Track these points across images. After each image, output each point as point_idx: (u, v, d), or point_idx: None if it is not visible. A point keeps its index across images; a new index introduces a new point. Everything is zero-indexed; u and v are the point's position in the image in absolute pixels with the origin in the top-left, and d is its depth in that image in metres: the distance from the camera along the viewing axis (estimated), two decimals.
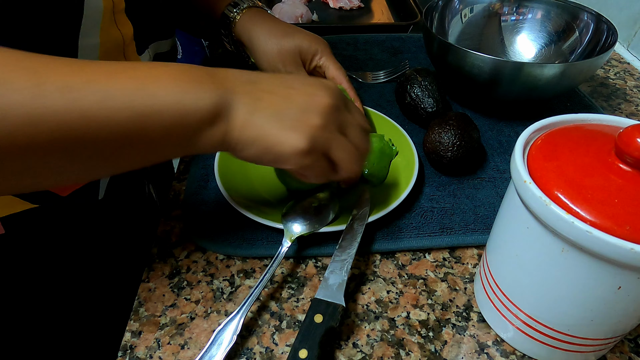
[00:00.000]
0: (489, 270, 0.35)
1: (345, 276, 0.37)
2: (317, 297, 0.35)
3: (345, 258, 0.38)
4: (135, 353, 0.35)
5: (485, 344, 0.36)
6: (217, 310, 0.38)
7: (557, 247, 0.27)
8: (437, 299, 0.39)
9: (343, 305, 0.35)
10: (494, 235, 0.35)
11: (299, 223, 0.41)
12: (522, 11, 0.67)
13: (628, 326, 0.31)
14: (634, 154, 0.25)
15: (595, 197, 0.25)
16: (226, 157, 0.48)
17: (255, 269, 0.41)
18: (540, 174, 0.28)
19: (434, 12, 0.64)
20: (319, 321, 0.33)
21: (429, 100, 0.54)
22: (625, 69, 0.75)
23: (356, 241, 0.39)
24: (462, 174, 0.51)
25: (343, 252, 0.39)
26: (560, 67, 0.50)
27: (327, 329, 0.33)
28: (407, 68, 0.67)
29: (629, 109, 0.65)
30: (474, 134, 0.49)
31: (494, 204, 0.47)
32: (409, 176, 0.46)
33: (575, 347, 0.32)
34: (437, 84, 0.55)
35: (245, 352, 0.35)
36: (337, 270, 0.37)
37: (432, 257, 0.43)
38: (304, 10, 0.86)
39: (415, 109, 0.55)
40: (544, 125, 0.32)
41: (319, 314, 0.34)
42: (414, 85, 0.55)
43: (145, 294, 0.39)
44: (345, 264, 0.38)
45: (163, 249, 0.43)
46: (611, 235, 0.24)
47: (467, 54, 0.52)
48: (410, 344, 0.36)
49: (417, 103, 0.55)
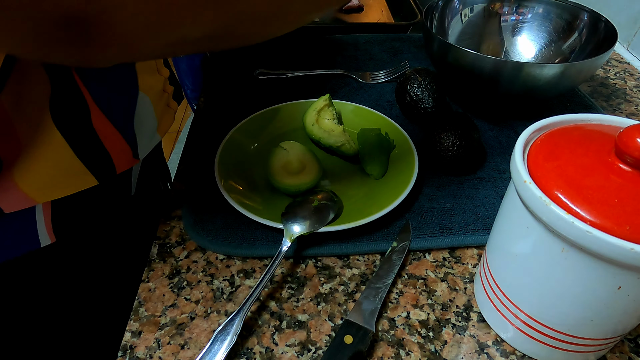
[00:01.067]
0: (489, 270, 0.35)
1: (379, 304, 0.38)
2: (349, 318, 0.36)
3: (381, 287, 0.39)
4: (135, 353, 0.35)
5: (485, 344, 0.36)
6: (217, 310, 0.38)
7: (557, 247, 0.27)
8: (437, 299, 0.39)
9: (373, 331, 0.35)
10: (494, 235, 0.35)
11: (299, 223, 0.41)
12: (522, 11, 0.67)
13: (628, 326, 0.31)
14: (634, 154, 0.25)
15: (595, 197, 0.25)
16: (226, 157, 0.48)
17: (255, 269, 0.41)
18: (540, 174, 0.28)
19: (434, 12, 0.64)
20: (349, 342, 0.34)
21: (429, 100, 0.54)
22: (625, 69, 0.75)
23: (393, 272, 0.40)
24: (462, 174, 0.51)
25: (379, 281, 0.40)
26: (560, 67, 0.50)
27: (356, 352, 0.34)
28: (407, 68, 0.67)
29: (629, 109, 0.65)
30: (474, 134, 0.49)
31: (494, 204, 0.47)
32: (409, 176, 0.46)
33: (575, 347, 0.32)
34: (437, 84, 0.55)
35: (245, 352, 0.35)
36: (372, 297, 0.38)
37: (432, 257, 0.43)
38: None
39: (415, 109, 0.55)
40: (544, 125, 0.32)
41: (350, 335, 0.34)
42: (414, 85, 0.55)
43: (145, 294, 0.39)
44: (380, 292, 0.39)
45: (163, 249, 0.43)
46: (611, 235, 0.24)
47: (467, 54, 0.52)
48: (410, 344, 0.36)
49: (417, 103, 0.55)
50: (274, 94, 0.63)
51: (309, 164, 0.47)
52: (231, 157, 0.49)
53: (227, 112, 0.60)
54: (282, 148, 0.49)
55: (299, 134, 0.55)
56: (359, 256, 0.43)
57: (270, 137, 0.54)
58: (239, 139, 0.52)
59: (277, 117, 0.56)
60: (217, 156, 0.48)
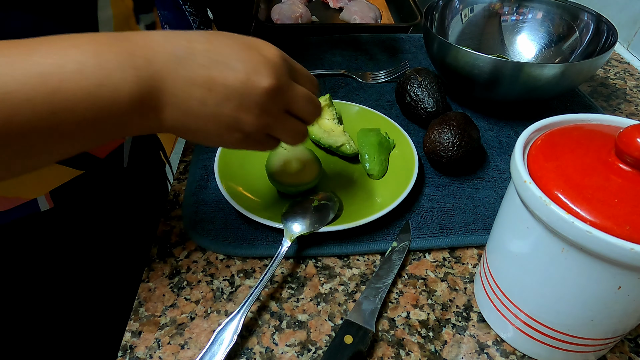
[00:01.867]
0: (489, 270, 0.35)
1: (379, 304, 0.38)
2: (349, 318, 0.36)
3: (381, 287, 0.39)
4: (135, 353, 0.35)
5: (485, 344, 0.36)
6: (217, 310, 0.38)
7: (557, 247, 0.27)
8: (437, 299, 0.39)
9: (373, 331, 0.35)
10: (494, 235, 0.35)
11: (299, 223, 0.41)
12: (523, 11, 0.67)
13: (628, 326, 0.31)
14: (634, 154, 0.25)
15: (595, 197, 0.25)
16: (226, 157, 0.48)
17: (255, 269, 0.41)
18: (540, 174, 0.28)
19: (434, 12, 0.64)
20: (349, 342, 0.34)
21: (429, 100, 0.54)
22: (625, 69, 0.75)
23: (393, 272, 0.40)
24: (462, 174, 0.51)
25: (379, 281, 0.40)
26: (560, 67, 0.50)
27: (355, 352, 0.34)
28: (407, 68, 0.67)
29: (629, 109, 0.65)
30: (474, 134, 0.49)
31: (494, 204, 0.47)
32: (409, 176, 0.46)
33: (575, 347, 0.32)
34: (437, 83, 0.55)
35: (245, 352, 0.35)
36: (372, 297, 0.38)
37: (432, 257, 0.43)
38: (303, 11, 0.86)
39: (415, 109, 0.55)
40: (544, 125, 0.32)
41: (350, 335, 0.34)
42: (414, 85, 0.55)
43: (145, 294, 0.39)
44: (380, 292, 0.39)
45: (163, 249, 0.43)
46: (611, 235, 0.24)
47: (467, 54, 0.52)
48: (410, 344, 0.36)
49: (417, 103, 0.55)
50: None
51: (309, 164, 0.47)
52: (231, 157, 0.49)
53: None
54: (282, 148, 0.49)
55: None
56: (359, 256, 0.43)
57: None
58: None
59: None
60: (217, 156, 0.48)
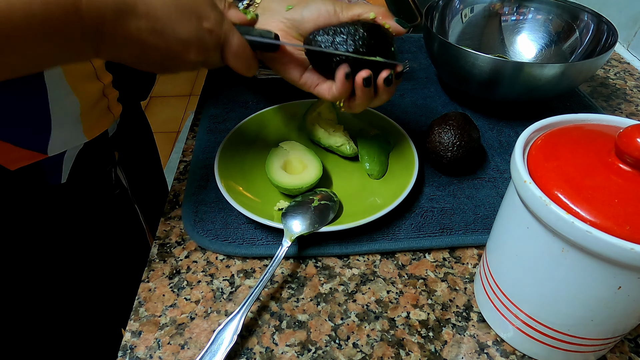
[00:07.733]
0: (489, 270, 0.35)
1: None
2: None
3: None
4: (135, 353, 0.35)
5: (485, 344, 0.36)
6: (217, 310, 0.38)
7: (557, 247, 0.27)
8: (437, 299, 0.39)
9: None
10: (494, 235, 0.35)
11: (299, 223, 0.41)
12: (523, 11, 0.67)
13: (628, 326, 0.31)
14: (634, 154, 0.25)
15: (595, 197, 0.25)
16: (226, 157, 0.48)
17: (255, 269, 0.41)
18: (540, 174, 0.28)
19: (434, 11, 0.64)
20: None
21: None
22: (625, 69, 0.75)
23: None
24: (462, 174, 0.51)
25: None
26: (560, 67, 0.50)
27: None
28: (407, 68, 0.67)
29: (629, 109, 0.65)
30: (474, 134, 0.49)
31: (494, 204, 0.47)
32: (409, 176, 0.46)
33: (575, 347, 0.32)
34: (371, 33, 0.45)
35: (245, 352, 0.35)
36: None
37: (432, 257, 0.43)
38: None
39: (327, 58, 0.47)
40: (544, 125, 0.32)
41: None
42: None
43: (145, 294, 0.39)
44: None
45: (163, 249, 0.43)
46: (611, 235, 0.24)
47: (467, 53, 0.52)
48: (410, 344, 0.36)
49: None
50: (274, 94, 0.62)
51: (309, 164, 0.47)
52: (231, 157, 0.49)
53: (227, 112, 0.59)
54: (282, 148, 0.49)
55: (299, 134, 0.55)
56: (359, 256, 0.43)
57: (271, 137, 0.54)
58: (239, 139, 0.52)
59: (277, 117, 0.56)
60: (217, 156, 0.48)
